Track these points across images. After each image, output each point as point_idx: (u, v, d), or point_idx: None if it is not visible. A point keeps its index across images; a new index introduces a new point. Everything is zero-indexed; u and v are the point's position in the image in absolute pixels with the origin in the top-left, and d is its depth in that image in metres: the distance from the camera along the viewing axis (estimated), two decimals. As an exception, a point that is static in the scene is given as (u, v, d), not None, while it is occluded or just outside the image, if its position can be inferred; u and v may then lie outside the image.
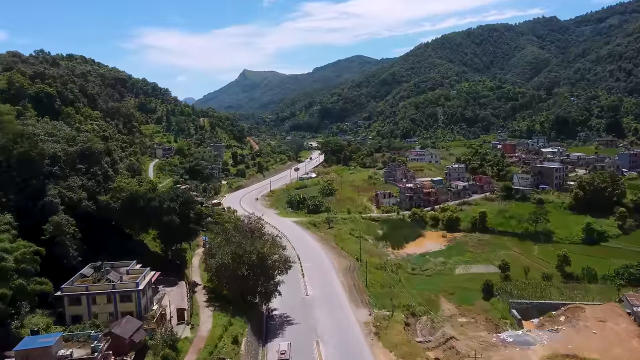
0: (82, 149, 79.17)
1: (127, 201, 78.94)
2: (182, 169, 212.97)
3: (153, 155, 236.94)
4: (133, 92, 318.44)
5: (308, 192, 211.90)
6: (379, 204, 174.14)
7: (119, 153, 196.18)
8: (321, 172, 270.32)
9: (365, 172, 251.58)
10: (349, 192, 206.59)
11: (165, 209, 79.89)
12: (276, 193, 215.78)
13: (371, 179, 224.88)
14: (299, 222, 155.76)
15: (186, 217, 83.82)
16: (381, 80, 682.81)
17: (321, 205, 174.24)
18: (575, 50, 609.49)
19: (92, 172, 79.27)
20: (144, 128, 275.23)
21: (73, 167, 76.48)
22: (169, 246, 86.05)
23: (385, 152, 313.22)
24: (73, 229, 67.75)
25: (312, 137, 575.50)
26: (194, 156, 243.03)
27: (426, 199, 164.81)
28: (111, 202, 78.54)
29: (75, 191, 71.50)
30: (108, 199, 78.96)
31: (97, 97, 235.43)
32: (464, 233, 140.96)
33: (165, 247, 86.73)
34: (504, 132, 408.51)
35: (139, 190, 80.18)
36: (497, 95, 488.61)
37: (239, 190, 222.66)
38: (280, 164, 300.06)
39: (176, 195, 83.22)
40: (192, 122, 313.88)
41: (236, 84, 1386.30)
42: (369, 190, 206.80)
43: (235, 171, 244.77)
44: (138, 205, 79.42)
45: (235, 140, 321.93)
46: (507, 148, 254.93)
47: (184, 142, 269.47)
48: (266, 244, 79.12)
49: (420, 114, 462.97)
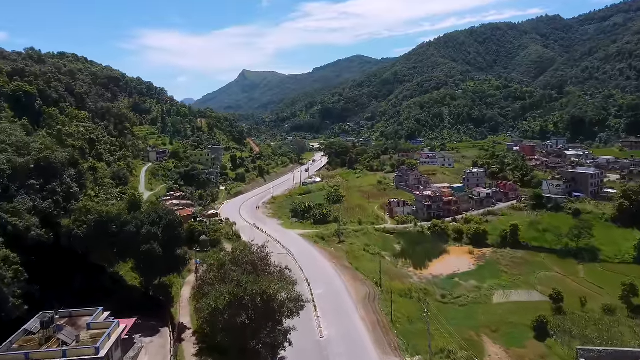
0: (36, 159, 61.28)
1: (96, 226, 61.18)
2: (177, 174, 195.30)
3: (146, 158, 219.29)
4: (127, 91, 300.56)
5: (313, 199, 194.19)
6: (392, 213, 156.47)
7: (107, 157, 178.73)
8: (326, 176, 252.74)
9: (373, 176, 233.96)
10: (358, 199, 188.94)
11: (143, 235, 62.00)
12: (279, 200, 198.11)
13: (381, 185, 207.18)
14: (305, 235, 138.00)
15: (171, 244, 65.88)
16: (383, 80, 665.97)
17: (329, 214, 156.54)
18: (581, 49, 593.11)
19: (50, 189, 61.38)
20: (137, 130, 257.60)
21: (23, 184, 58.74)
22: (149, 280, 68.01)
23: (392, 154, 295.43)
24: (15, 269, 50.03)
25: (314, 137, 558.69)
26: (190, 159, 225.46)
27: (446, 208, 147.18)
28: (74, 227, 60.80)
29: (21, 216, 53.83)
30: (70, 223, 61.32)
31: (86, 96, 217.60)
32: (492, 249, 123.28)
33: (146, 281, 68.66)
34: (514, 133, 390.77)
35: (110, 212, 62.29)
36: (504, 94, 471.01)
37: (238, 197, 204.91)
38: (282, 167, 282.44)
39: (158, 217, 65.07)
40: (189, 123, 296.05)
41: (235, 84, 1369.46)
42: (379, 196, 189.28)
43: (235, 175, 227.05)
44: (109, 230, 61.73)
45: (234, 142, 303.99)
46: (526, 150, 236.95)
47: (179, 144, 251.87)
48: (273, 282, 61.06)
49: (426, 114, 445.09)
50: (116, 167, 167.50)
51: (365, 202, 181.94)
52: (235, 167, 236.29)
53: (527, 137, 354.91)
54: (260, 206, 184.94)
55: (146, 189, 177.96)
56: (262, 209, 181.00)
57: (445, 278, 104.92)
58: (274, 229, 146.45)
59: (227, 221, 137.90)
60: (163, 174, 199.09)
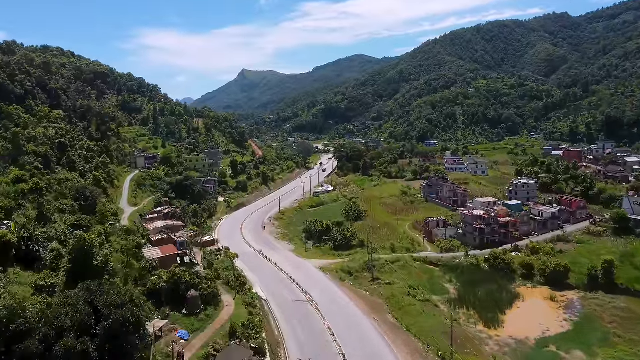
0: None
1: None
2: (168, 185, 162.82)
3: (133, 165, 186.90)
4: (115, 88, 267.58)
5: (327, 213, 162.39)
6: (431, 236, 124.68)
7: (82, 165, 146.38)
8: (337, 183, 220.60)
9: (393, 184, 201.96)
10: (382, 214, 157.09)
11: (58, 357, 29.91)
12: (287, 214, 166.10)
13: (406, 196, 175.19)
14: (326, 268, 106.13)
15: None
16: (388, 79, 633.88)
17: (352, 236, 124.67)
18: (595, 47, 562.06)
19: None
20: (125, 131, 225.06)
21: None
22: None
23: (409, 157, 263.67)
24: None
25: (317, 138, 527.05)
26: (185, 165, 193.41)
27: (502, 232, 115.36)
28: None
29: None
30: None
31: (62, 92, 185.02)
32: (578, 292, 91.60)
33: None
34: (537, 134, 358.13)
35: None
36: (519, 93, 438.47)
37: (240, 210, 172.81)
38: (288, 172, 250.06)
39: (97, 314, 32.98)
40: (185, 123, 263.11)
41: (235, 84, 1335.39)
42: (406, 211, 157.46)
43: (235, 184, 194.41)
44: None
45: (234, 145, 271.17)
46: (572, 155, 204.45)
47: (173, 147, 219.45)
48: None
49: (438, 113, 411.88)
50: (92, 176, 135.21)
51: (392, 218, 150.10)
52: (236, 174, 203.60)
53: (554, 138, 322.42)
54: (266, 223, 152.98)
55: (129, 204, 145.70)
56: (268, 226, 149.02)
57: (537, 347, 72.91)
58: (286, 257, 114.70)
59: (227, 252, 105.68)
60: (151, 183, 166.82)
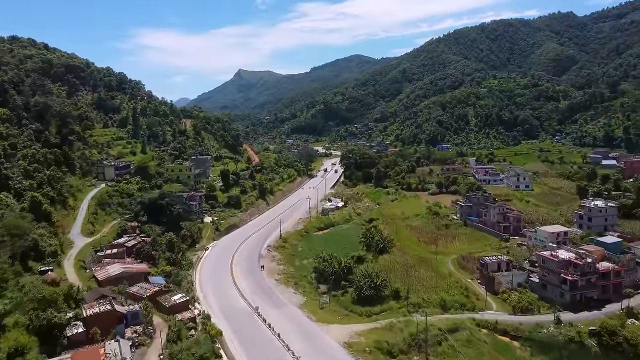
0: None
1: None
2: (139, 205, 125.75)
3: (101, 175, 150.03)
4: (91, 84, 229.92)
5: (341, 240, 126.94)
6: (492, 284, 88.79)
7: (18, 183, 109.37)
8: (347, 196, 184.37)
9: (415, 200, 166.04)
10: (412, 242, 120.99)
11: None
12: (291, 240, 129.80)
13: (437, 217, 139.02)
14: (355, 344, 69.86)
15: None
16: (390, 78, 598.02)
17: (384, 284, 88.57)
18: (607, 46, 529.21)
19: None
20: (99, 133, 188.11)
21: None
22: None
23: (425, 164, 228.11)
24: None
25: (316, 140, 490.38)
26: (165, 176, 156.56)
27: (601, 283, 79.75)
28: None
29: None
30: None
31: (12, 87, 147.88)
32: None
33: None
34: (563, 138, 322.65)
35: None
36: (534, 94, 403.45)
37: (231, 233, 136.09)
38: (288, 182, 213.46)
39: None
40: (170, 124, 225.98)
41: (231, 84, 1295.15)
42: (442, 239, 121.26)
43: (226, 199, 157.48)
44: None
45: (227, 149, 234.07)
46: (636, 167, 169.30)
47: (155, 152, 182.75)
48: None
49: (448, 115, 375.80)
50: (29, 197, 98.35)
51: (427, 250, 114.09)
52: (228, 186, 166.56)
53: (586, 144, 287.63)
54: (264, 255, 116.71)
55: (83, 233, 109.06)
56: (267, 260, 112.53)
57: None
58: (293, 319, 78.40)
59: (206, 323, 68.84)
60: (119, 201, 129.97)
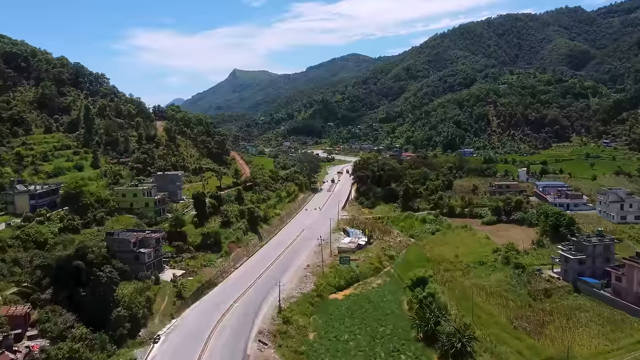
0: None
1: None
2: (37, 269, 73.01)
3: (10, 207, 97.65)
4: (33, 77, 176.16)
5: (374, 312, 75.18)
6: None
7: None
8: (369, 225, 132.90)
9: (467, 233, 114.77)
10: (503, 329, 69.85)
11: None
12: (296, 317, 77.68)
13: (521, 271, 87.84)
14: None
15: None
16: (393, 76, 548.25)
17: None
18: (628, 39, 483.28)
19: None
20: (37, 140, 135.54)
21: None
22: None
23: (459, 176, 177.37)
24: None
25: (316, 142, 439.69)
26: (108, 206, 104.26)
27: None
28: None
29: None
30: None
31: None
32: None
33: None
34: (613, 142, 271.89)
35: None
36: (560, 90, 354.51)
37: (202, 301, 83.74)
38: (288, 201, 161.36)
39: None
40: (136, 128, 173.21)
41: (226, 84, 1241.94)
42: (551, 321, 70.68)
43: (200, 238, 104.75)
44: None
45: (210, 159, 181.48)
46: None
47: (109, 166, 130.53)
48: None
49: (467, 115, 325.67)
50: None
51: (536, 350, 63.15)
52: (203, 216, 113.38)
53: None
54: (255, 356, 64.68)
55: None
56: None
57: None
58: None
59: None
60: (15, 257, 77.28)
